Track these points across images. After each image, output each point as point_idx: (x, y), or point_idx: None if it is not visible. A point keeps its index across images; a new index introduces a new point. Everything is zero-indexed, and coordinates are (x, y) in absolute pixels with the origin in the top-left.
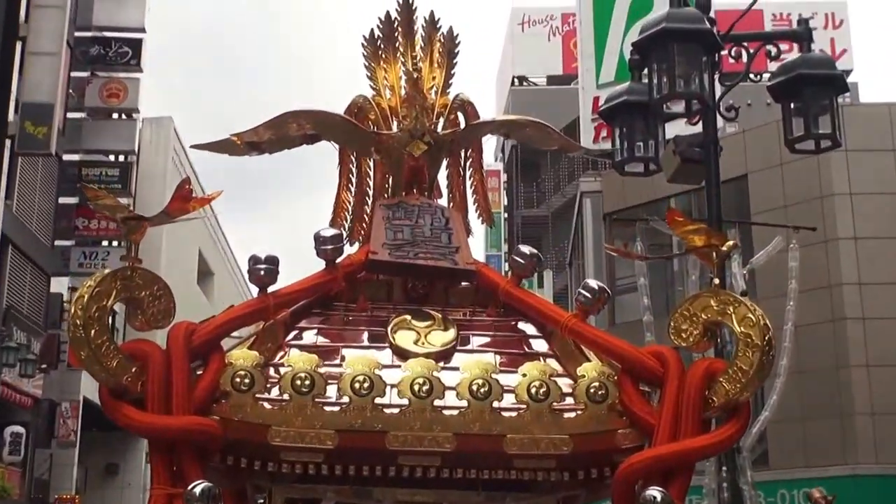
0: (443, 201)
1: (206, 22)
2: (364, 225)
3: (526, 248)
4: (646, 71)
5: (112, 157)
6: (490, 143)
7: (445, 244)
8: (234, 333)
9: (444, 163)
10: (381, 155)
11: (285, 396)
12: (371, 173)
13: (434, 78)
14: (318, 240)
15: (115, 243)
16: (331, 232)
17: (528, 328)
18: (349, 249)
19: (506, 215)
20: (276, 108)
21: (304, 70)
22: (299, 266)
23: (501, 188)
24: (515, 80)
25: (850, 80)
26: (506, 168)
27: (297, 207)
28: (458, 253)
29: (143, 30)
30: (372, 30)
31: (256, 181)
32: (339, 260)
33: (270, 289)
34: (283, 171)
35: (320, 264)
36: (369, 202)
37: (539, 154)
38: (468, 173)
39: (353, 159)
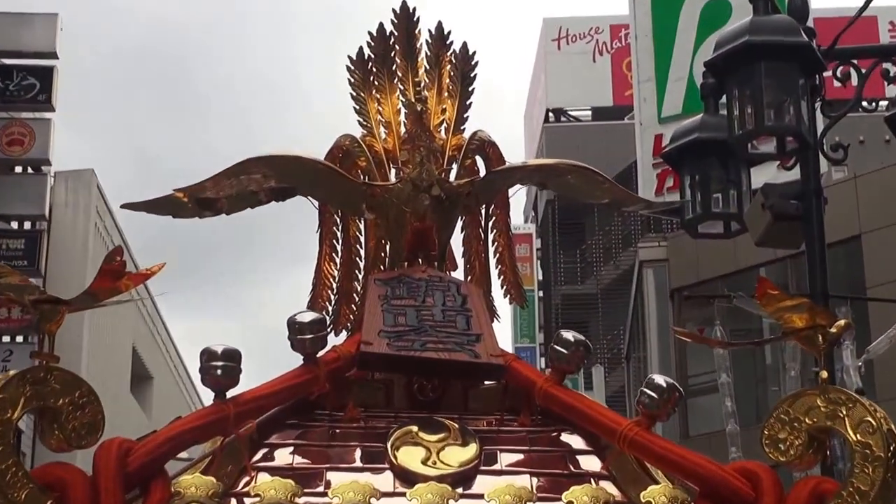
0: (458, 274)
1: (147, 37)
2: (354, 307)
3: (569, 335)
4: (724, 100)
5: (15, 224)
6: (519, 198)
7: (462, 331)
8: (183, 454)
9: (459, 223)
10: (375, 213)
11: None
12: (362, 238)
13: (444, 111)
14: (293, 327)
15: (19, 338)
16: (310, 317)
17: (575, 441)
18: (334, 340)
19: (541, 293)
20: (246, 153)
21: (291, 97)
22: (270, 364)
23: (535, 257)
24: (550, 113)
25: None
26: (540, 231)
27: (268, 287)
28: (479, 342)
29: (54, 55)
30: (360, 49)
31: (210, 253)
32: (321, 354)
33: (230, 393)
34: (246, 239)
35: (296, 360)
36: (360, 277)
37: (584, 212)
38: (491, 237)
39: (338, 220)
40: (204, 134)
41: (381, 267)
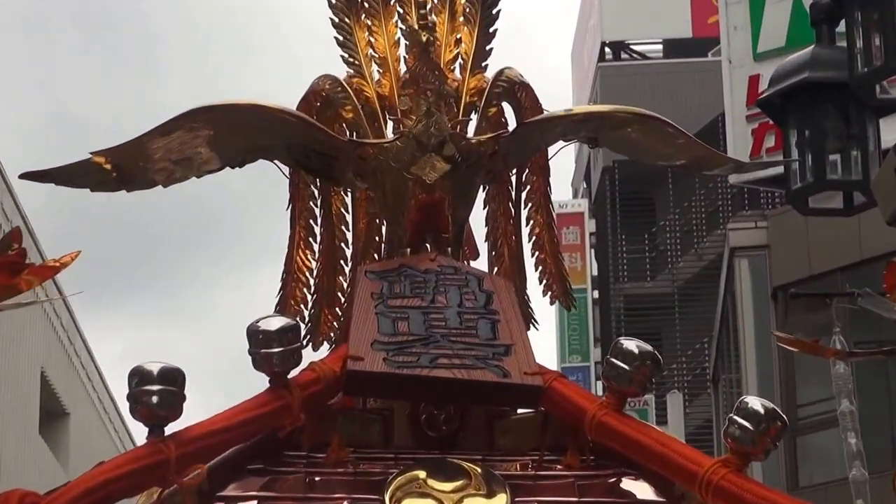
0: (481, 264)
1: None
2: (338, 310)
3: (632, 344)
4: (841, 27)
5: None
6: (565, 164)
7: (486, 341)
8: None
9: (481, 195)
10: (366, 182)
11: None
12: (349, 217)
13: (458, 42)
14: (256, 337)
15: None
16: (277, 323)
17: (640, 489)
18: (312, 356)
19: (596, 294)
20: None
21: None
22: (227, 390)
23: (587, 245)
24: (607, 48)
25: None
26: (595, 209)
27: (226, 289)
28: (508, 356)
29: None
30: None
31: (146, 243)
32: (294, 374)
33: (170, 428)
34: (194, 223)
35: (261, 382)
36: (346, 269)
37: (654, 181)
38: (525, 213)
39: (316, 192)
40: (154, 89)
41: (375, 256)
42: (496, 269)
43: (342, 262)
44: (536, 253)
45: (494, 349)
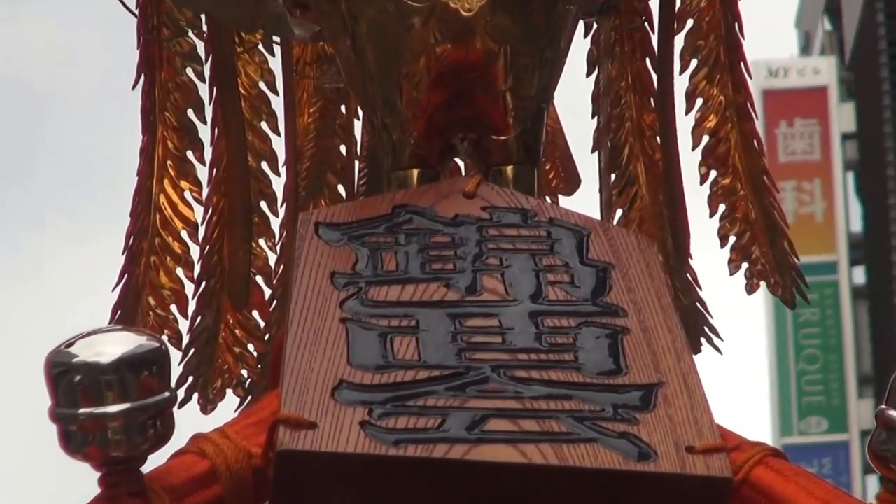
0: (586, 205)
1: None
2: (257, 317)
3: None
4: None
5: None
6: None
7: (599, 376)
8: None
9: (581, 45)
10: (316, 21)
11: None
12: (275, 101)
13: None
14: (66, 382)
15: None
16: (116, 347)
17: None
18: (197, 421)
19: (861, 273)
20: None
21: None
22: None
23: (837, 159)
24: None
25: None
26: (853, 77)
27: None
28: (650, 409)
29: None
30: None
31: None
32: (157, 464)
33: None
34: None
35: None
36: (273, 216)
37: None
38: (688, 84)
39: (200, 47)
40: None
41: (339, 187)
42: (620, 213)
43: (262, 201)
44: (716, 177)
45: (618, 395)
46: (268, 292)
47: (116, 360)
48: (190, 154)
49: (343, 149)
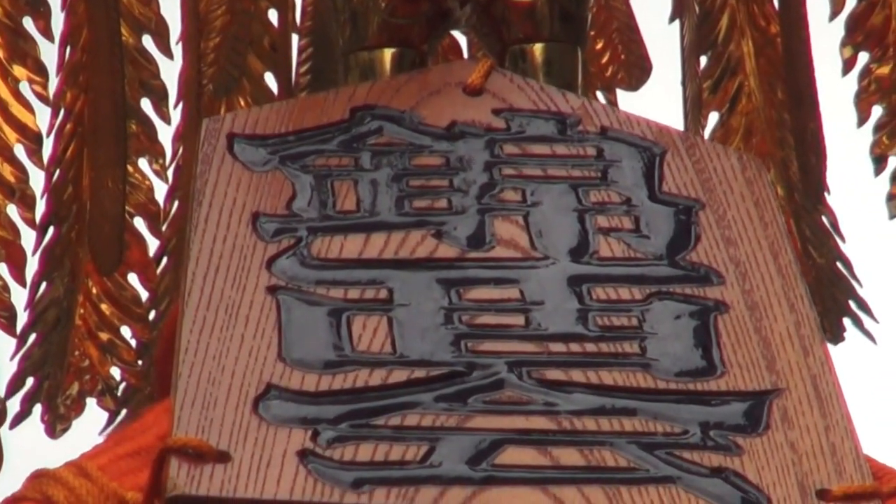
0: (661, 110)
1: None
2: (140, 286)
3: None
4: None
5: None
6: None
7: (678, 376)
8: None
9: None
10: None
11: None
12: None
13: None
14: None
15: None
16: None
17: None
18: (42, 452)
19: None
20: None
21: None
22: None
23: None
24: None
25: None
26: None
27: None
28: (761, 431)
29: None
30: None
31: None
32: None
33: None
34: None
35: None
36: (161, 119)
37: None
38: None
39: None
40: None
41: (262, 72)
42: (716, 119)
43: (144, 99)
44: (868, 63)
45: (710, 409)
46: (154, 245)
47: None
48: (29, 23)
49: (274, 15)
